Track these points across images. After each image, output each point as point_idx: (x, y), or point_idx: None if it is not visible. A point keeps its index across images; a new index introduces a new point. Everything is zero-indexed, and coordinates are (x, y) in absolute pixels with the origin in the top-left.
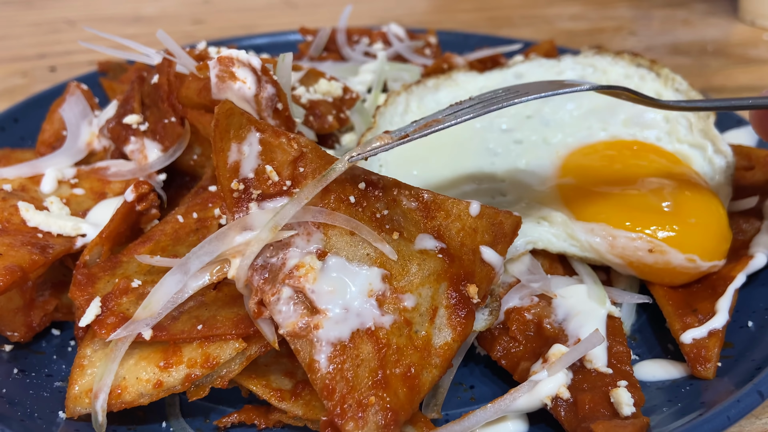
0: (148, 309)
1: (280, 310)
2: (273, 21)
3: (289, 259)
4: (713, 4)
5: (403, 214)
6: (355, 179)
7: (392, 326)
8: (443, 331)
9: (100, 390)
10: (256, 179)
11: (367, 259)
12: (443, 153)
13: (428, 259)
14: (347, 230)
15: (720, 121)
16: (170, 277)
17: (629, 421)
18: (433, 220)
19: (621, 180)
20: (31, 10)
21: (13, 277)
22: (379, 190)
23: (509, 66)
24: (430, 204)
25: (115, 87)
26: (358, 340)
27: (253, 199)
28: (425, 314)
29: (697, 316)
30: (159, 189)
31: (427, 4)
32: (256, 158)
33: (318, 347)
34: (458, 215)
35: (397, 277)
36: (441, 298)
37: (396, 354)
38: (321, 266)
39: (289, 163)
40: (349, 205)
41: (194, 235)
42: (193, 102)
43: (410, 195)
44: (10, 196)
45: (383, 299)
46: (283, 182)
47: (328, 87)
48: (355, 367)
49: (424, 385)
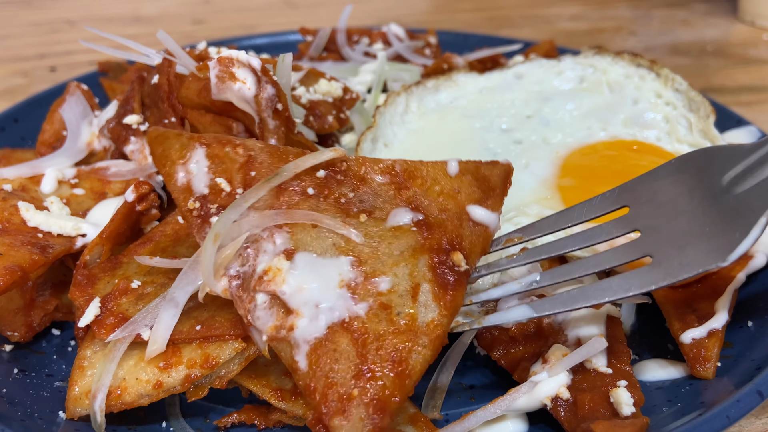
0: (156, 346)
1: (258, 316)
2: (273, 21)
3: (258, 265)
4: (713, 4)
5: (374, 192)
6: (314, 168)
7: (368, 314)
8: (429, 308)
9: (98, 390)
10: (210, 194)
11: (334, 248)
12: (443, 153)
13: (401, 235)
14: (310, 224)
15: (720, 121)
16: (165, 312)
17: (629, 421)
18: (407, 190)
19: (621, 180)
20: (31, 10)
21: (13, 277)
22: (341, 174)
23: (509, 66)
24: (404, 173)
25: (115, 87)
26: (335, 334)
27: (212, 214)
28: (405, 294)
29: (696, 316)
30: (159, 189)
31: (427, 4)
32: (206, 174)
33: (296, 347)
34: (435, 178)
35: (368, 262)
36: (422, 274)
37: (377, 341)
38: (288, 266)
39: (237, 170)
40: (308, 197)
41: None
42: (193, 102)
43: (379, 170)
44: (10, 196)
45: (355, 287)
46: (235, 191)
47: (328, 87)
48: (333, 361)
49: (414, 368)
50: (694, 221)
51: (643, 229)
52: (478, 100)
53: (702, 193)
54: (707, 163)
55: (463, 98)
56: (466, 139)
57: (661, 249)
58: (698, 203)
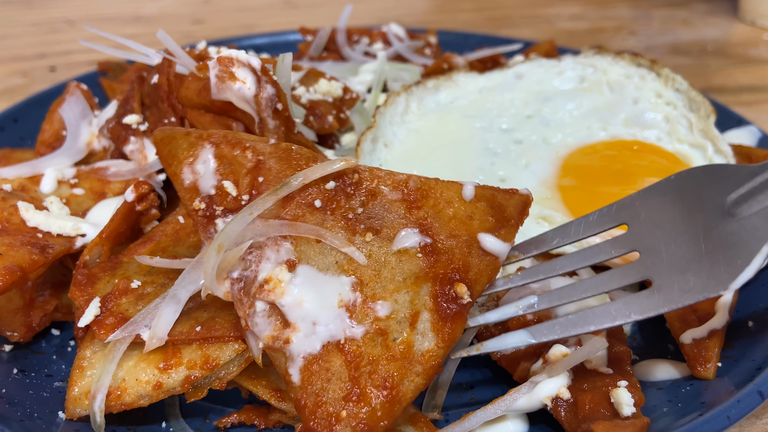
0: (155, 340)
1: (257, 323)
2: (273, 21)
3: (260, 272)
4: (713, 4)
5: (384, 208)
6: (323, 179)
7: (364, 337)
8: (426, 337)
9: (97, 391)
10: (217, 195)
11: (337, 267)
12: (443, 153)
13: (406, 260)
14: (315, 238)
15: (720, 121)
16: (166, 308)
17: (629, 422)
18: (419, 210)
19: (621, 180)
20: (31, 10)
21: (13, 277)
22: (351, 187)
23: (509, 66)
24: (416, 192)
25: (115, 87)
26: (329, 354)
27: (218, 216)
28: (404, 321)
29: (697, 316)
30: (159, 189)
31: (427, 4)
32: (213, 175)
33: (291, 360)
34: (449, 201)
35: (369, 284)
36: (423, 302)
37: (370, 365)
38: (290, 278)
39: (245, 174)
40: (314, 210)
41: (195, 235)
42: (192, 102)
43: (392, 185)
44: (9, 196)
45: (354, 309)
46: (241, 196)
47: (328, 87)
48: (325, 381)
49: (405, 395)
50: (695, 245)
51: (643, 251)
52: (478, 100)
53: (703, 215)
54: (708, 183)
55: (463, 98)
56: (466, 139)
57: (661, 273)
58: (699, 226)
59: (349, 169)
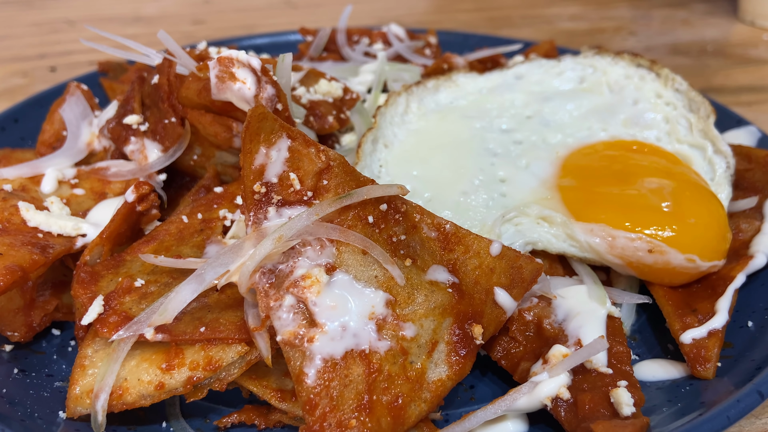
0: (163, 316)
1: (280, 316)
2: (273, 21)
3: (297, 268)
4: (713, 4)
5: (421, 242)
6: (378, 200)
7: (387, 352)
8: (439, 367)
9: (101, 390)
10: (278, 184)
11: (375, 281)
12: (443, 153)
13: (437, 291)
14: (360, 249)
15: (720, 121)
16: (186, 286)
17: (629, 421)
18: (451, 252)
19: (621, 180)
20: (31, 10)
21: (13, 277)
22: (400, 215)
23: (509, 66)
24: (451, 236)
25: (115, 87)
26: (350, 361)
27: (273, 204)
28: (424, 346)
29: (696, 316)
30: (159, 189)
31: (427, 4)
32: (282, 164)
33: (309, 360)
34: (477, 252)
35: (401, 304)
36: (443, 333)
37: (386, 381)
38: (327, 280)
39: (314, 174)
40: (366, 224)
41: (198, 235)
42: (193, 102)
43: (431, 224)
44: (10, 196)
45: (383, 324)
46: (305, 192)
47: (328, 87)
48: (342, 386)
49: (409, 417)
50: None
51: None
52: (478, 101)
53: None
54: None
55: (463, 98)
56: (466, 139)
57: None
58: None
59: (401, 195)
